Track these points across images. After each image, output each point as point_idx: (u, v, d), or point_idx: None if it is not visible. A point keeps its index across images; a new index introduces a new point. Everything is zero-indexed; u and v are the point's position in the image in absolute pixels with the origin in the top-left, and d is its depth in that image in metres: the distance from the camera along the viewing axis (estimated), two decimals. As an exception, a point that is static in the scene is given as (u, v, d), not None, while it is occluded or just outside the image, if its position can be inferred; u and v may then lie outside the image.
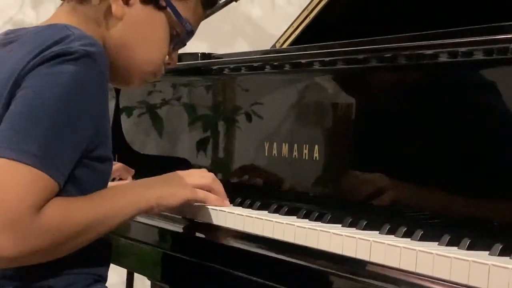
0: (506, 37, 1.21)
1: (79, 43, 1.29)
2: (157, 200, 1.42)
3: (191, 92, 1.96)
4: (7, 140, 1.24)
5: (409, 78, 1.42)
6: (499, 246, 1.12)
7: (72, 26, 1.34)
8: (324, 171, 1.53)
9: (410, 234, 1.24)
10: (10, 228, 1.21)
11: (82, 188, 1.34)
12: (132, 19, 1.43)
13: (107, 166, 1.39)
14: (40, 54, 1.28)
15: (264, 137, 1.66)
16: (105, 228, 1.35)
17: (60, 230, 1.26)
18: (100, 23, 1.43)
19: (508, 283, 1.02)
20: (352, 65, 1.50)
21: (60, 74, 1.27)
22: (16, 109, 1.27)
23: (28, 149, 1.23)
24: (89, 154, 1.33)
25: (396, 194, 1.37)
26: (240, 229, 1.46)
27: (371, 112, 1.48)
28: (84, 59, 1.28)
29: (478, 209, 1.24)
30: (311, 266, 1.30)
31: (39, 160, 1.23)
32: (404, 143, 1.38)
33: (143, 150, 2.08)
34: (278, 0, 3.14)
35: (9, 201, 1.21)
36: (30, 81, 1.27)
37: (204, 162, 1.86)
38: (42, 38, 1.31)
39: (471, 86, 1.31)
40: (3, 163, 1.23)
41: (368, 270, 1.20)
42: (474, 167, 1.26)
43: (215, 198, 1.51)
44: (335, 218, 1.39)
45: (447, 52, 1.30)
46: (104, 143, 1.37)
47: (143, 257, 1.84)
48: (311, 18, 1.91)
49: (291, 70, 1.64)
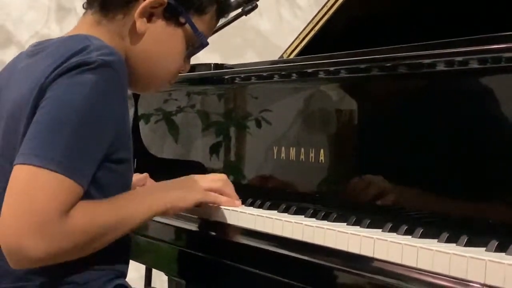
0: (499, 47, 1.20)
1: (98, 53, 1.28)
2: (171, 203, 1.42)
3: (204, 100, 1.95)
4: (32, 148, 1.24)
5: (408, 85, 1.41)
6: (495, 243, 1.11)
7: (92, 37, 1.34)
8: (330, 173, 1.52)
9: (411, 232, 1.24)
10: (38, 231, 1.20)
11: (103, 189, 1.33)
12: (154, 35, 1.43)
13: (126, 167, 1.39)
14: (62, 65, 1.28)
15: (273, 141, 1.66)
16: (125, 229, 1.35)
17: (85, 232, 1.26)
18: (123, 37, 1.42)
19: (504, 277, 1.01)
20: (354, 74, 1.49)
21: (80, 84, 1.27)
22: (40, 118, 1.26)
23: (53, 156, 1.22)
24: (109, 157, 1.32)
25: (397, 195, 1.36)
26: (252, 228, 1.46)
27: (372, 118, 1.48)
28: (103, 68, 1.28)
29: (475, 208, 1.23)
30: (318, 262, 1.29)
31: (63, 166, 1.22)
32: (404, 147, 1.37)
33: (160, 154, 2.07)
34: (285, 15, 3.13)
35: (36, 206, 1.21)
36: (52, 91, 1.27)
37: (217, 165, 1.86)
38: (64, 49, 1.31)
39: (466, 93, 1.30)
40: (30, 170, 1.22)
41: (372, 266, 1.19)
42: (470, 170, 1.25)
43: (226, 200, 1.51)
44: (340, 217, 1.39)
45: (444, 62, 1.30)
46: (124, 146, 1.36)
47: (160, 254, 1.84)
48: (315, 30, 1.91)
49: (298, 79, 1.64)
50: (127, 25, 1.42)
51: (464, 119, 1.28)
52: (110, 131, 1.30)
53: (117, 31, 1.42)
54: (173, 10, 1.43)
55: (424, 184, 1.32)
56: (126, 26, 1.42)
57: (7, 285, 1.33)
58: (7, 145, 1.31)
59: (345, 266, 1.24)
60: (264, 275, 1.41)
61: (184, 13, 1.44)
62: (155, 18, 1.42)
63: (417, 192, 1.33)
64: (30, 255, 1.21)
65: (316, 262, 1.30)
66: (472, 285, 1.04)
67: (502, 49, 1.20)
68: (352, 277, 1.23)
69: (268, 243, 1.42)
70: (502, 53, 1.20)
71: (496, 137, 1.22)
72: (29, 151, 1.24)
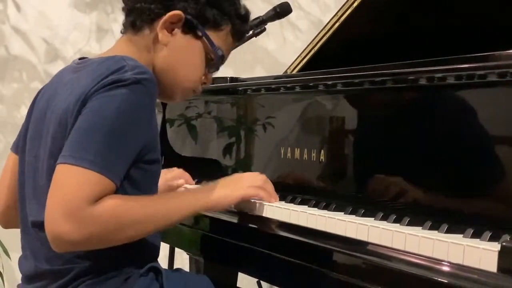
0: (472, 66, 1.20)
1: (132, 72, 1.27)
2: (216, 201, 1.38)
3: (220, 107, 1.95)
4: (70, 150, 1.23)
5: (394, 97, 1.40)
6: (471, 231, 1.11)
7: (128, 57, 1.33)
8: (329, 170, 1.52)
9: (399, 220, 1.24)
10: (70, 218, 1.19)
11: (137, 185, 1.31)
12: (175, 46, 1.41)
13: (155, 167, 1.36)
14: (101, 82, 1.27)
15: (278, 143, 1.65)
16: (161, 223, 1.31)
17: (112, 219, 1.22)
18: (150, 49, 1.41)
19: (479, 259, 1.01)
20: (349, 87, 1.49)
21: (113, 96, 1.25)
22: (79, 124, 1.25)
23: (85, 156, 1.21)
24: (141, 158, 1.31)
25: (387, 189, 1.35)
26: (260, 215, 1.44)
27: (364, 123, 1.47)
28: (135, 85, 1.26)
29: (453, 201, 1.23)
30: (319, 244, 1.29)
31: (94, 163, 1.21)
32: (392, 149, 1.37)
33: (183, 152, 2.07)
34: (289, 36, 3.13)
35: (68, 196, 1.19)
36: (91, 103, 1.26)
37: (229, 163, 1.85)
38: (103, 69, 1.30)
39: (443, 103, 1.29)
40: (65, 168, 1.22)
41: (366, 249, 1.19)
42: (449, 170, 1.25)
43: (265, 194, 1.45)
44: (338, 207, 1.39)
45: (425, 78, 1.29)
46: (154, 149, 1.34)
47: (183, 236, 1.82)
48: (315, 50, 1.90)
49: (300, 91, 1.63)
50: (152, 39, 1.41)
51: (441, 126, 1.28)
52: (139, 136, 1.28)
53: (145, 45, 1.41)
54: (191, 24, 1.41)
55: (410, 180, 1.31)
56: (151, 40, 1.41)
57: (58, 266, 1.32)
58: (56, 148, 1.29)
59: (343, 249, 1.23)
60: (271, 254, 1.40)
61: (201, 28, 1.42)
62: (176, 31, 1.41)
63: (404, 187, 1.32)
64: (66, 238, 1.19)
65: (317, 244, 1.29)
66: (452, 265, 1.04)
67: (475, 67, 1.20)
68: (349, 258, 1.22)
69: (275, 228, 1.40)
70: (475, 71, 1.20)
71: (469, 143, 1.22)
72: (67, 152, 1.23)
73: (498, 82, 1.16)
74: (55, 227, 1.19)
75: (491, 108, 1.18)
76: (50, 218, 1.20)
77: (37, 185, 1.34)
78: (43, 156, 1.34)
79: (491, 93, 1.18)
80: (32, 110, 1.44)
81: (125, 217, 1.24)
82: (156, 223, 1.30)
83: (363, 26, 1.85)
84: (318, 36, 1.89)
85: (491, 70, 1.16)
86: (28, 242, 1.39)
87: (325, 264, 1.27)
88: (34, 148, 1.38)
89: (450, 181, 1.24)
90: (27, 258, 1.39)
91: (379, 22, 1.86)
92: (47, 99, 1.39)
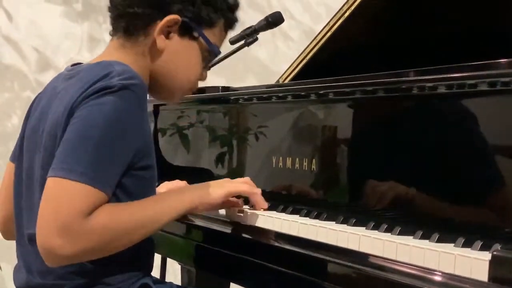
0: (463, 75, 1.21)
1: (119, 78, 1.26)
2: (199, 199, 1.38)
3: (212, 116, 1.94)
4: (60, 162, 1.22)
5: (385, 105, 1.40)
6: (462, 240, 1.11)
7: (116, 62, 1.31)
8: (321, 179, 1.51)
9: (390, 230, 1.23)
10: (63, 232, 1.18)
11: (130, 193, 1.30)
12: (172, 49, 1.40)
13: (150, 173, 1.35)
14: (88, 89, 1.26)
15: (270, 152, 1.65)
16: (151, 227, 1.30)
17: (106, 231, 1.22)
18: (146, 55, 1.39)
19: (470, 268, 1.01)
20: (340, 96, 1.49)
21: (101, 104, 1.24)
22: (67, 135, 1.24)
23: (75, 168, 1.20)
24: (134, 166, 1.30)
25: (378, 199, 1.35)
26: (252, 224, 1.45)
27: (355, 132, 1.47)
28: (123, 91, 1.25)
29: (444, 211, 1.23)
30: (311, 254, 1.28)
31: (84, 175, 1.20)
32: (383, 156, 1.37)
33: (175, 162, 2.06)
34: (280, 46, 3.13)
35: (60, 210, 1.18)
36: (79, 112, 1.25)
37: (222, 172, 1.84)
38: (91, 75, 1.29)
39: (433, 112, 1.29)
40: (56, 181, 1.20)
41: (358, 258, 1.19)
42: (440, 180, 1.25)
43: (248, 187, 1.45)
44: (330, 217, 1.38)
45: (417, 87, 1.29)
46: (147, 154, 1.33)
47: (174, 246, 1.82)
48: (307, 59, 1.90)
49: (292, 100, 1.63)
50: (148, 44, 1.38)
51: (433, 135, 1.28)
52: (130, 143, 1.27)
53: (140, 51, 1.39)
54: (187, 27, 1.40)
55: (401, 189, 1.31)
56: (147, 46, 1.38)
57: (50, 281, 1.31)
58: (47, 160, 1.28)
59: (335, 258, 1.23)
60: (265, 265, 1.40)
61: (197, 28, 1.41)
62: (172, 35, 1.39)
63: (395, 196, 1.32)
64: (58, 253, 1.19)
65: (308, 254, 1.29)
66: (444, 275, 1.04)
67: (465, 77, 1.20)
68: (340, 267, 1.22)
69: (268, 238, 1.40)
70: (464, 80, 1.20)
71: (460, 152, 1.22)
72: (57, 165, 1.22)
73: (489, 91, 1.16)
74: (48, 242, 1.18)
75: (483, 117, 1.19)
76: (42, 232, 1.19)
77: (33, 196, 1.33)
78: (37, 167, 1.33)
79: (482, 103, 1.19)
80: (28, 120, 1.43)
81: (118, 228, 1.24)
82: (147, 228, 1.29)
83: (355, 36, 1.85)
84: (310, 46, 1.89)
85: (482, 80, 1.17)
86: (22, 253, 1.38)
87: (316, 273, 1.27)
88: (30, 159, 1.37)
89: (441, 191, 1.24)
90: (20, 270, 1.38)
91: (371, 32, 1.87)
92: (41, 109, 1.38)
